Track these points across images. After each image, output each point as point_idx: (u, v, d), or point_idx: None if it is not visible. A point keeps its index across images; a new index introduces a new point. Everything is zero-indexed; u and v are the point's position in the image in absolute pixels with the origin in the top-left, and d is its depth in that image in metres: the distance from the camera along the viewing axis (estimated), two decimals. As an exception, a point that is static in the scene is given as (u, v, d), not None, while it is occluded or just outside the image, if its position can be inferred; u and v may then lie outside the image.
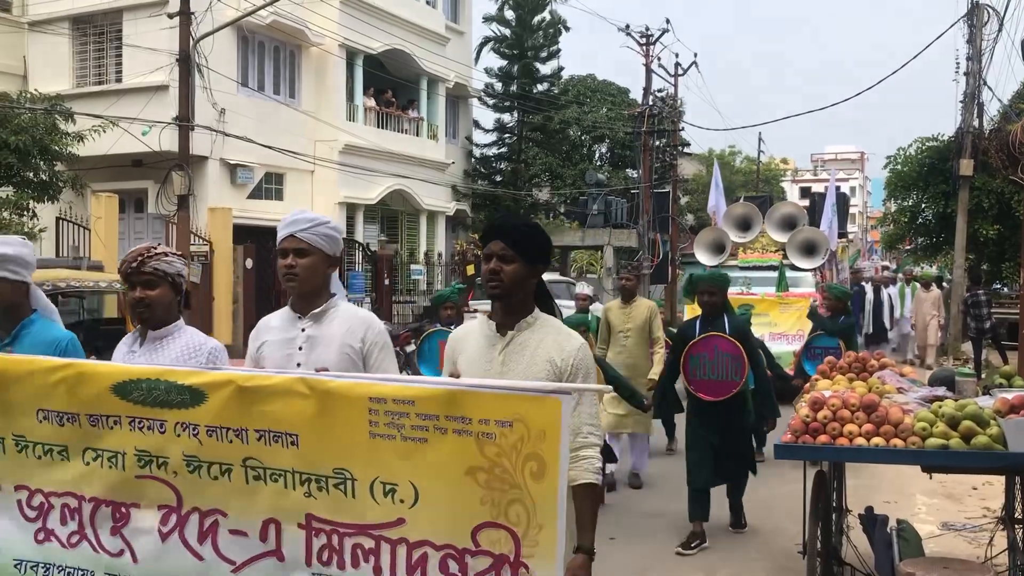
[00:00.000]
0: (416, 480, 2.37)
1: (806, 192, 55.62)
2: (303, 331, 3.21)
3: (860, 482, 7.53)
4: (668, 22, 27.36)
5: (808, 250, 14.31)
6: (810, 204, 22.03)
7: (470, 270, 23.22)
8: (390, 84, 25.28)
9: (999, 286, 23.82)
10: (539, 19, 31.16)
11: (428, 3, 26.01)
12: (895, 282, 19.67)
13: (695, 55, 35.89)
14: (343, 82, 22.76)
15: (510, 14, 30.94)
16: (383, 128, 24.35)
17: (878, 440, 4.41)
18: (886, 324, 17.87)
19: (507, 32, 31.08)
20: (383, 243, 22.96)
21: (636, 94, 31.73)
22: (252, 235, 18.76)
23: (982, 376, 9.91)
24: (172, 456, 2.59)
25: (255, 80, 20.99)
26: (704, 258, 14.66)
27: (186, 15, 15.24)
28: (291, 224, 3.22)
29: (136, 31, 18.69)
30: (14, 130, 14.15)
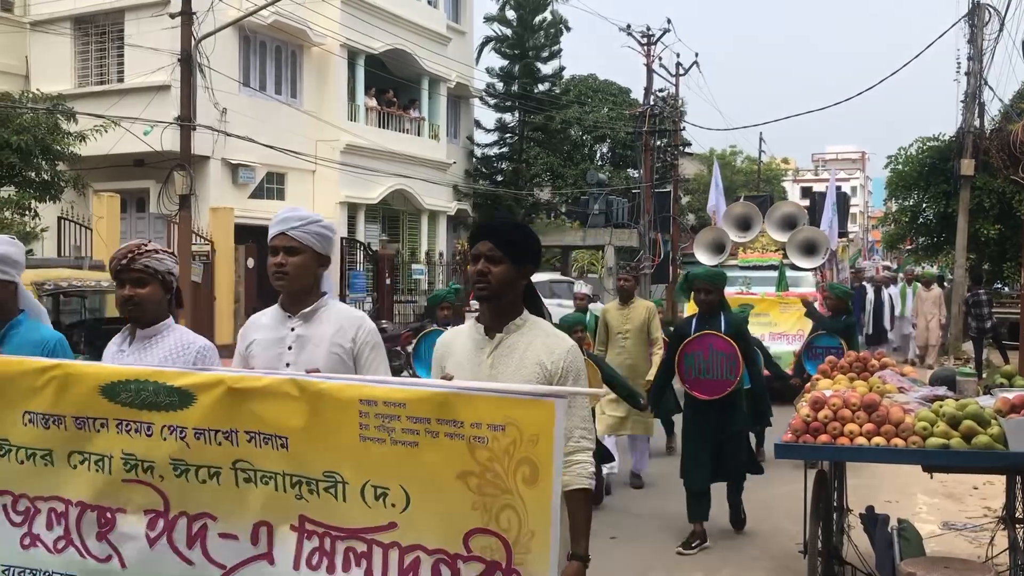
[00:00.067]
0: (407, 484, 2.33)
1: (807, 192, 55.47)
2: (293, 331, 3.15)
3: (861, 482, 7.51)
4: (669, 22, 27.41)
5: (808, 250, 14.27)
6: (810, 204, 22.03)
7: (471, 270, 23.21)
8: (391, 84, 25.28)
9: (1000, 286, 23.83)
10: (540, 19, 31.12)
11: (430, 3, 25.99)
12: (896, 282, 19.67)
13: (696, 55, 35.97)
14: (344, 82, 22.76)
15: (511, 14, 30.91)
16: (384, 128, 24.34)
17: (879, 440, 4.41)
18: (886, 324, 17.88)
19: (508, 32, 31.04)
20: (384, 243, 23.00)
21: (637, 94, 31.80)
22: (253, 235, 18.74)
23: (983, 376, 9.88)
24: (158, 460, 2.54)
25: (257, 80, 21.00)
26: (704, 258, 14.61)
27: (188, 15, 15.21)
28: (282, 221, 3.15)
29: (138, 31, 18.70)
30: (16, 130, 14.15)
